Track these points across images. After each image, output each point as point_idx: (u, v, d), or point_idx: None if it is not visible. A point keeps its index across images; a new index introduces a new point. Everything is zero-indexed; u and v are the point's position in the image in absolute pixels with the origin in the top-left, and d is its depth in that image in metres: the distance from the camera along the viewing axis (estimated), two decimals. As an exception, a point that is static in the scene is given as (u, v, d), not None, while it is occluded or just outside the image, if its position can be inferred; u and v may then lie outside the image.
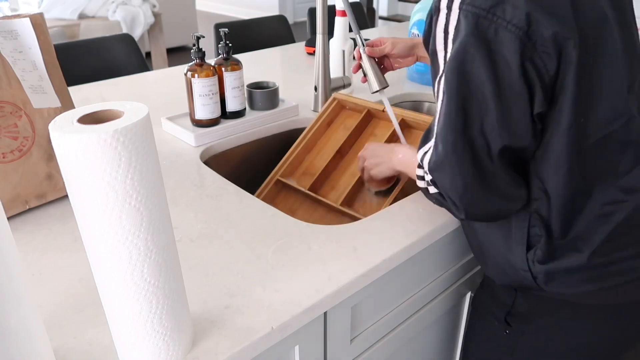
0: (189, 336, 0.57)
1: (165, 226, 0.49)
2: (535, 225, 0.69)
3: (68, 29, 3.57)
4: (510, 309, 0.79)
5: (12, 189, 0.79)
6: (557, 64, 0.58)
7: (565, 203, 0.67)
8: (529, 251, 0.71)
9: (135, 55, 1.73)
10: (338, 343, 0.76)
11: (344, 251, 0.74)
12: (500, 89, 0.59)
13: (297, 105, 1.25)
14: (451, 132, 0.63)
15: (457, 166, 0.64)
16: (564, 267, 0.69)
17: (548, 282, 0.71)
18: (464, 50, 0.59)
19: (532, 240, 0.71)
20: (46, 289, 0.66)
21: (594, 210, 0.67)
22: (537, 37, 0.56)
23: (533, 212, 0.69)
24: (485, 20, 0.57)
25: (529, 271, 0.72)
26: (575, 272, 0.69)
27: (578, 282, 0.70)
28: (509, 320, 0.80)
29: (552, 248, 0.69)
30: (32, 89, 0.79)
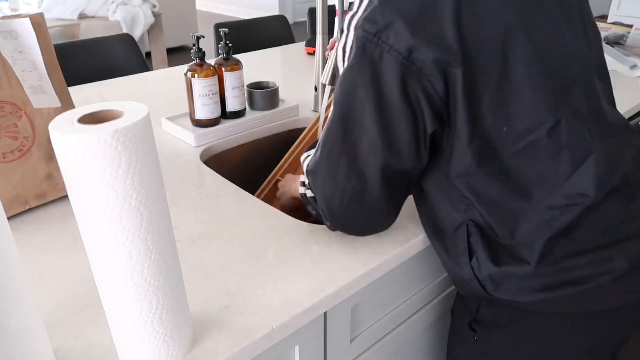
0: (189, 336, 0.57)
1: (165, 226, 0.49)
2: (473, 234, 0.70)
3: (68, 29, 3.57)
4: (474, 315, 0.79)
5: (12, 189, 0.79)
6: (445, 85, 0.60)
7: (499, 209, 0.67)
8: (471, 259, 0.71)
9: (135, 55, 1.73)
10: (338, 343, 0.76)
11: (344, 251, 0.74)
12: (382, 110, 0.62)
13: (297, 105, 1.25)
14: (329, 141, 0.67)
15: (329, 175, 0.68)
16: (511, 273, 0.68)
17: (497, 288, 0.70)
18: (351, 69, 0.63)
19: (472, 248, 0.71)
20: (46, 289, 0.66)
21: (537, 216, 0.66)
22: (420, 63, 0.59)
23: (468, 221, 0.69)
24: (372, 43, 0.60)
25: (475, 279, 0.71)
26: (524, 280, 0.68)
27: (530, 290, 0.69)
28: (474, 327, 0.80)
29: (494, 253, 0.69)
30: (32, 89, 0.79)
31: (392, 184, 0.68)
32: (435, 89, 0.60)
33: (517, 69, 0.62)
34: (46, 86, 0.80)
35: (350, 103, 0.64)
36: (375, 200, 0.69)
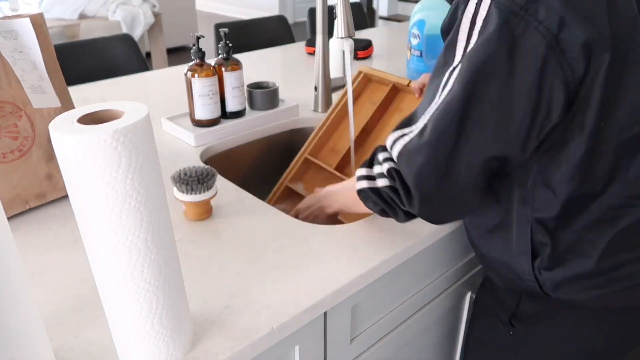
0: (189, 336, 0.57)
1: (165, 226, 0.49)
2: (538, 233, 0.68)
3: (68, 29, 3.57)
4: (514, 310, 0.78)
5: (12, 189, 0.79)
6: (585, 70, 0.56)
7: (570, 208, 0.66)
8: (534, 260, 0.70)
9: (135, 55, 1.73)
10: (338, 343, 0.76)
11: (344, 251, 0.74)
12: (510, 91, 0.57)
13: (297, 105, 1.25)
14: (445, 121, 0.60)
15: (434, 156, 0.62)
16: (572, 274, 0.68)
17: (556, 290, 0.70)
18: (485, 44, 0.56)
19: (536, 249, 0.69)
20: (46, 289, 0.66)
21: (600, 214, 0.65)
22: (567, 43, 0.55)
23: (533, 221, 0.68)
24: (517, 16, 0.55)
25: (535, 281, 0.71)
26: (583, 279, 0.68)
27: (586, 288, 0.69)
28: (513, 323, 0.79)
29: (558, 255, 0.68)
30: (32, 89, 0.79)
31: (489, 170, 0.64)
32: (574, 75, 0.56)
33: (633, 59, 0.59)
34: (46, 86, 0.80)
35: (477, 81, 0.57)
36: (469, 184, 0.64)
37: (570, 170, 0.63)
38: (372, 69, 1.15)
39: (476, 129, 0.60)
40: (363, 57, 1.76)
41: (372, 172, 0.71)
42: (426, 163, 0.63)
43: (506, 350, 0.82)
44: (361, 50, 1.75)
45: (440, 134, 0.61)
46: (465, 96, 0.58)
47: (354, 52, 1.71)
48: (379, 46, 1.91)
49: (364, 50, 1.76)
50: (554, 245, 0.68)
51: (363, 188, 0.72)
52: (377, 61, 1.76)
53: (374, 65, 1.71)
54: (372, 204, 0.73)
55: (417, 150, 0.63)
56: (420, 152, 0.63)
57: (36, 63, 0.78)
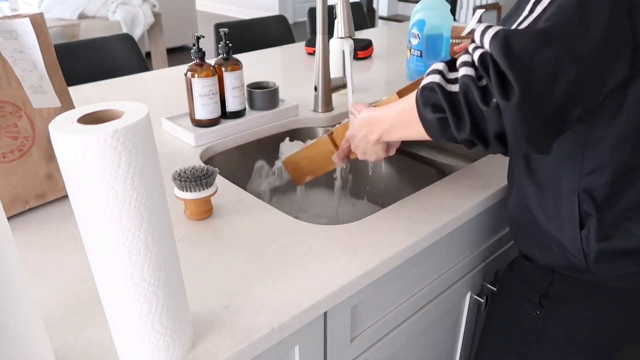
0: (189, 336, 0.57)
1: (165, 226, 0.49)
2: (584, 203, 0.68)
3: (68, 29, 3.57)
4: (546, 290, 0.78)
5: (12, 189, 0.79)
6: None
7: (618, 183, 0.66)
8: (582, 230, 0.69)
9: (135, 55, 1.73)
10: (338, 343, 0.76)
11: (344, 251, 0.74)
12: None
13: (297, 105, 1.25)
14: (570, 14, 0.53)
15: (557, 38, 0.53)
16: (616, 248, 0.68)
17: (598, 262, 0.70)
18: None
19: (583, 219, 0.69)
20: (46, 289, 0.66)
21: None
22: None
23: (581, 190, 0.68)
24: None
25: (581, 250, 0.70)
26: (626, 256, 0.68)
27: (627, 265, 0.69)
28: (543, 302, 0.79)
29: (606, 227, 0.68)
30: (32, 89, 0.79)
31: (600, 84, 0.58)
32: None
33: None
34: (46, 86, 0.80)
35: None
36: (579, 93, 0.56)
37: (625, 139, 0.63)
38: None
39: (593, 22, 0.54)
40: (363, 57, 1.76)
41: (450, 75, 0.59)
42: (545, 45, 0.53)
43: (529, 332, 0.82)
44: (361, 50, 1.75)
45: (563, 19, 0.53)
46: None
47: (354, 52, 1.71)
48: (379, 46, 1.91)
49: (364, 50, 1.76)
50: (599, 217, 0.68)
51: (432, 82, 0.60)
52: (377, 61, 1.76)
53: (373, 65, 1.71)
54: (430, 110, 0.60)
55: (530, 34, 0.53)
56: (535, 35, 0.53)
57: (36, 63, 0.78)
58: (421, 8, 1.42)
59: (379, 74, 1.63)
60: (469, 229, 0.93)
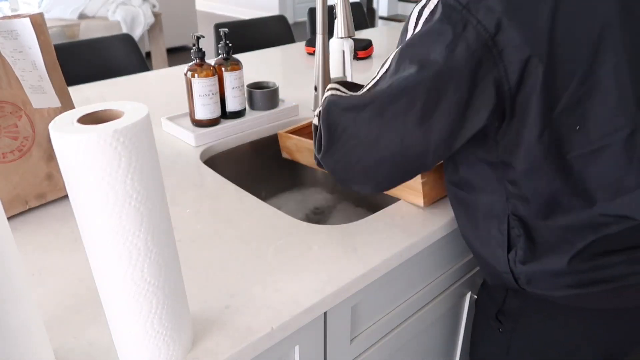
0: (189, 336, 0.57)
1: (165, 226, 0.49)
2: (515, 227, 0.69)
3: (68, 29, 3.57)
4: (501, 306, 0.79)
5: (12, 189, 0.79)
6: (520, 78, 0.58)
7: (549, 206, 0.66)
8: (509, 252, 0.71)
9: (135, 55, 1.73)
10: (338, 343, 0.76)
11: (344, 251, 0.74)
12: (441, 78, 0.59)
13: (297, 105, 1.25)
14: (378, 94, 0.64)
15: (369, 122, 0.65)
16: (545, 269, 0.69)
17: (530, 283, 0.71)
18: (428, 34, 0.60)
19: (512, 241, 0.70)
20: (46, 289, 0.66)
21: (588, 218, 0.65)
22: (503, 46, 0.57)
23: (510, 214, 0.69)
24: (458, 14, 0.58)
25: (510, 273, 0.72)
26: (557, 276, 0.69)
27: (561, 286, 0.69)
28: (500, 319, 0.80)
29: (534, 248, 0.69)
30: (32, 89, 0.79)
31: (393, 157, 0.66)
32: (508, 79, 0.58)
33: (605, 69, 0.59)
34: (46, 86, 0.80)
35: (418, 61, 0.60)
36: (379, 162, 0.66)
37: (527, 171, 0.64)
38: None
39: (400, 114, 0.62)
40: (363, 57, 1.76)
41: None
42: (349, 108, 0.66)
43: (499, 348, 0.83)
44: (361, 50, 1.75)
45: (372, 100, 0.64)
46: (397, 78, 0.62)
47: (354, 52, 1.70)
48: (379, 46, 1.91)
49: (364, 50, 1.76)
50: (527, 238, 0.69)
51: (313, 123, 0.78)
52: (377, 61, 1.76)
53: (374, 65, 1.71)
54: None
55: (347, 100, 0.68)
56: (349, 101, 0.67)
57: (36, 63, 0.78)
58: (421, 8, 1.42)
59: (379, 74, 1.63)
60: (469, 229, 0.93)
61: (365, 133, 0.65)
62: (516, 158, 0.64)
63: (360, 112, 0.65)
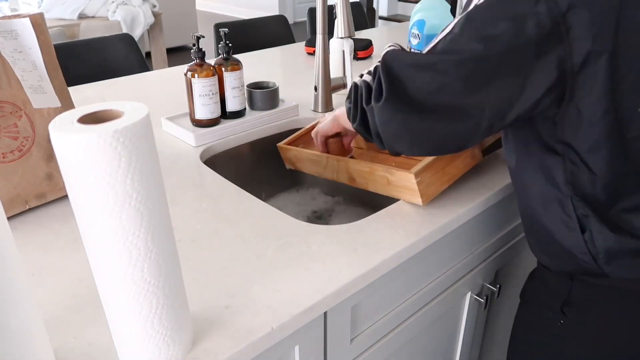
0: (189, 336, 0.57)
1: (165, 226, 0.49)
2: (579, 207, 0.69)
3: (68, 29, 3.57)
4: (566, 298, 0.78)
5: (12, 189, 0.79)
6: (583, 61, 0.59)
7: (608, 186, 0.66)
8: (584, 233, 0.70)
9: (135, 55, 1.73)
10: (338, 343, 0.76)
11: (344, 251, 0.74)
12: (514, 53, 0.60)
13: (297, 105, 1.25)
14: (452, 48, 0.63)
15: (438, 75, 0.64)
16: (625, 246, 0.68)
17: (610, 262, 0.70)
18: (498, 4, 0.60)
19: (582, 222, 0.70)
20: (46, 289, 0.66)
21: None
22: (572, 23, 0.57)
23: (572, 196, 0.69)
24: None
25: (588, 253, 0.71)
26: (634, 254, 0.68)
27: (637, 265, 0.68)
28: (565, 311, 0.79)
29: (607, 226, 0.68)
30: (32, 89, 0.79)
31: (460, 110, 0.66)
32: (572, 57, 0.59)
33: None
34: (46, 86, 0.80)
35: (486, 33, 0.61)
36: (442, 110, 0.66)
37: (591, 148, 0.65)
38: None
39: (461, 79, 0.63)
40: (363, 57, 1.76)
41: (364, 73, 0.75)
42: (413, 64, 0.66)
43: (557, 341, 0.81)
44: (361, 50, 1.75)
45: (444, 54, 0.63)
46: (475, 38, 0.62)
47: (354, 52, 1.70)
48: (379, 46, 1.91)
49: (364, 50, 1.76)
50: (597, 217, 0.68)
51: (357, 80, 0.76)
52: (377, 61, 1.76)
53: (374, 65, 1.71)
54: (347, 99, 0.77)
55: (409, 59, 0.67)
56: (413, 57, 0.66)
57: (36, 63, 0.78)
58: (421, 8, 1.42)
59: (379, 74, 1.63)
60: (469, 229, 0.93)
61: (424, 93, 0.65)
62: (577, 137, 0.65)
63: (423, 71, 0.65)
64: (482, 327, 1.17)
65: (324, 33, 1.21)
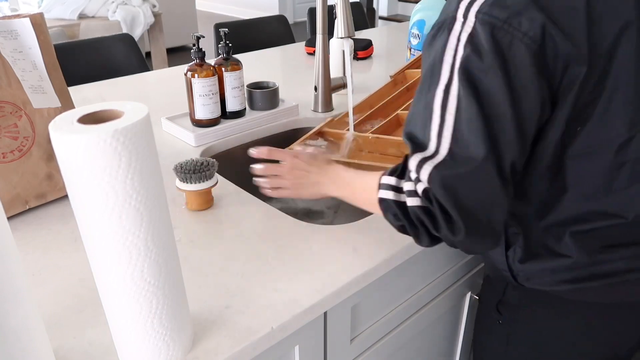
0: (189, 336, 0.57)
1: (165, 226, 0.49)
2: (512, 225, 0.70)
3: (68, 29, 3.57)
4: (501, 297, 0.80)
5: (12, 189, 0.79)
6: (561, 78, 0.59)
7: (543, 205, 0.67)
8: (508, 250, 0.72)
9: (135, 55, 1.73)
10: (338, 343, 0.76)
11: (344, 251, 0.74)
12: (516, 97, 0.58)
13: (297, 105, 1.25)
14: (478, 137, 0.58)
15: (487, 177, 0.59)
16: (545, 267, 0.70)
17: (529, 280, 0.72)
18: (478, 57, 0.58)
19: (510, 239, 0.71)
20: (46, 289, 0.66)
21: (578, 217, 0.66)
22: (549, 51, 0.57)
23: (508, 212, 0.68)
24: (501, 30, 0.57)
25: (508, 270, 0.73)
26: (558, 272, 0.69)
27: (560, 281, 0.70)
28: (500, 310, 0.81)
29: (531, 246, 0.70)
30: (32, 89, 0.79)
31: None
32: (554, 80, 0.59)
33: (618, 76, 0.60)
34: (46, 86, 0.80)
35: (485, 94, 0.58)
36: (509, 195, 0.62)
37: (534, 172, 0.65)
38: None
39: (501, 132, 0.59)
40: (363, 57, 1.76)
41: (401, 185, 0.65)
42: (483, 188, 0.59)
43: (499, 339, 0.83)
44: (361, 50, 1.75)
45: (483, 151, 0.58)
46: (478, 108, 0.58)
47: (354, 52, 1.71)
48: (379, 46, 1.91)
49: (364, 50, 1.76)
50: (526, 236, 0.70)
51: (387, 198, 0.65)
52: (377, 61, 1.76)
53: (373, 65, 1.71)
54: (392, 217, 0.66)
55: (466, 177, 0.59)
56: (471, 177, 0.59)
57: (36, 63, 0.78)
58: (421, 8, 1.42)
59: (378, 74, 1.63)
60: (469, 229, 0.93)
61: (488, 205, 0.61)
62: (535, 157, 0.64)
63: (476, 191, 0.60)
64: (482, 327, 1.17)
65: (324, 33, 1.21)
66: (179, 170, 0.81)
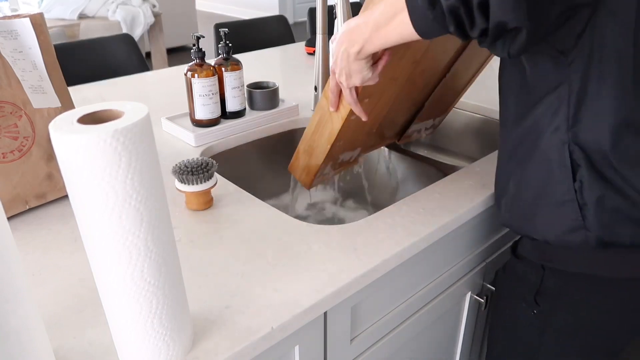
0: (189, 336, 0.57)
1: (165, 226, 0.49)
2: (575, 154, 0.66)
3: (68, 29, 3.57)
4: (538, 287, 0.77)
5: (12, 189, 0.79)
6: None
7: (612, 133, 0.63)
8: (575, 182, 0.66)
9: (135, 55, 1.73)
10: (338, 343, 0.76)
11: (344, 251, 0.74)
12: None
13: (297, 105, 1.25)
14: None
15: None
16: (615, 205, 0.65)
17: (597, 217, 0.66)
18: None
19: (575, 171, 0.66)
20: (46, 289, 0.66)
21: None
22: None
23: (571, 141, 0.65)
24: None
25: (575, 201, 0.67)
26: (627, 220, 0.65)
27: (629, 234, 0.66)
28: (538, 300, 0.78)
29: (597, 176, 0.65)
30: (32, 89, 0.79)
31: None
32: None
33: None
34: (46, 86, 0.80)
35: None
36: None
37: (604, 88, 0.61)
38: None
39: None
40: (363, 57, 1.76)
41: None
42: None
43: (532, 331, 0.81)
44: (361, 50, 1.74)
45: None
46: None
47: (354, 52, 1.70)
48: (379, 46, 1.91)
49: (364, 50, 1.75)
50: (591, 165, 0.65)
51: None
52: None
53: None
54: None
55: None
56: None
57: (36, 63, 0.78)
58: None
59: (379, 74, 1.63)
60: (469, 229, 0.93)
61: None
62: (589, 71, 0.61)
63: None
64: (482, 327, 1.17)
65: (324, 33, 1.21)
66: (177, 172, 0.81)
